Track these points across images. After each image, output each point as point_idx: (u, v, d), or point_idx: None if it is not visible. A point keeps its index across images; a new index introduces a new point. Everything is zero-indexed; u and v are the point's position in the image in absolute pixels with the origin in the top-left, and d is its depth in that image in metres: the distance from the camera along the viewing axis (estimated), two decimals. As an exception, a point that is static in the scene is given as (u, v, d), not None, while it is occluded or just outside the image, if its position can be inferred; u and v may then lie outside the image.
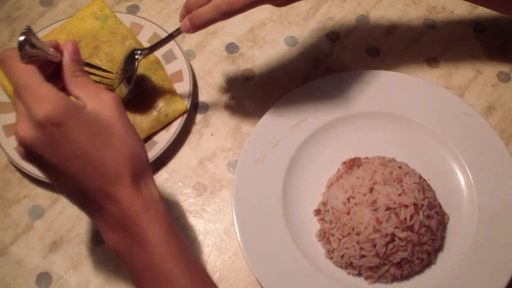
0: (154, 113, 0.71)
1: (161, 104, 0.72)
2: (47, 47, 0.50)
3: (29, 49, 0.48)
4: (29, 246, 0.68)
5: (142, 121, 0.71)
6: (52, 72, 0.52)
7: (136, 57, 0.69)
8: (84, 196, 0.49)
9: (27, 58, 0.48)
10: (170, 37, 0.67)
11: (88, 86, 0.51)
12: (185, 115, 0.72)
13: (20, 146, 0.48)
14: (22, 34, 0.47)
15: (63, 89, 0.51)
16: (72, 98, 0.50)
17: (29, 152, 0.48)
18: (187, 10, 0.63)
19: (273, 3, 0.63)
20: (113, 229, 0.49)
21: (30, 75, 0.47)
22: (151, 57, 0.75)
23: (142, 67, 0.74)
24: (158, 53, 0.75)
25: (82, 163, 0.48)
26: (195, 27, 0.62)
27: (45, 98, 0.46)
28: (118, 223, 0.49)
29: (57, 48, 0.52)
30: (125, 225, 0.49)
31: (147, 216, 0.49)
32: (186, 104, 0.72)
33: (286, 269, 0.63)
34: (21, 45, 0.47)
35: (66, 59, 0.52)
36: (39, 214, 0.69)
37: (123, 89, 0.68)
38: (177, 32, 0.66)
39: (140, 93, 0.72)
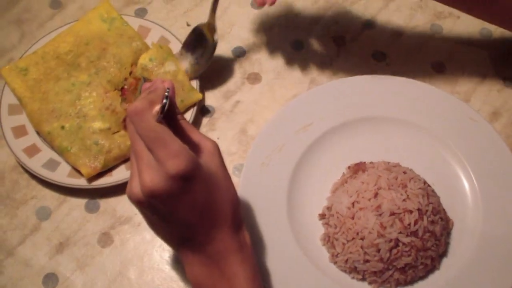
0: None
1: (178, 90, 0.72)
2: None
3: (165, 111, 0.51)
4: (36, 246, 0.68)
5: None
6: None
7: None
8: (186, 238, 0.53)
9: (160, 118, 0.51)
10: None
11: (192, 133, 0.55)
12: (191, 118, 0.72)
13: (145, 195, 0.49)
14: (166, 97, 0.51)
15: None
16: None
17: (151, 202, 0.50)
18: None
19: None
20: (204, 264, 0.53)
21: (163, 130, 0.49)
22: (164, 47, 0.76)
23: (162, 57, 0.75)
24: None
25: (198, 213, 0.52)
26: None
27: (179, 154, 0.48)
28: (211, 260, 0.53)
29: None
30: (219, 261, 0.53)
31: (240, 256, 0.54)
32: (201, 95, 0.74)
33: (290, 273, 0.64)
34: (163, 107, 0.51)
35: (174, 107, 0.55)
36: (46, 215, 0.70)
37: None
38: None
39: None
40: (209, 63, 0.75)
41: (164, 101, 0.51)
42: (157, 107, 0.51)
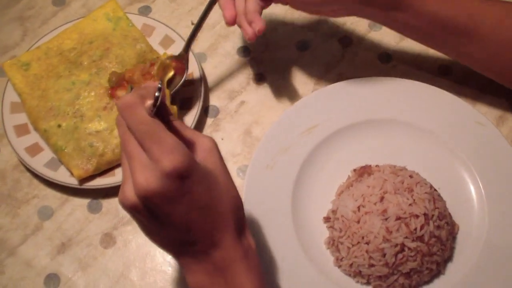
0: None
1: None
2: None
3: (158, 105, 0.48)
4: (38, 246, 0.68)
5: None
6: None
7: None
8: (187, 243, 0.50)
9: (153, 113, 0.48)
10: None
11: (187, 131, 0.51)
12: (195, 119, 0.72)
13: (140, 197, 0.46)
14: (158, 90, 0.48)
15: None
16: None
17: (146, 203, 0.46)
18: None
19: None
20: (207, 273, 0.50)
21: (157, 124, 0.47)
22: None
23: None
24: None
25: (198, 214, 0.48)
26: None
27: (174, 150, 0.45)
28: (215, 268, 0.50)
29: None
30: (223, 270, 0.50)
31: (246, 264, 0.50)
32: None
33: (294, 276, 0.63)
34: (156, 100, 0.48)
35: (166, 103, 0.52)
36: (48, 215, 0.70)
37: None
38: None
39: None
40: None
41: (157, 94, 0.48)
42: (149, 102, 0.48)
